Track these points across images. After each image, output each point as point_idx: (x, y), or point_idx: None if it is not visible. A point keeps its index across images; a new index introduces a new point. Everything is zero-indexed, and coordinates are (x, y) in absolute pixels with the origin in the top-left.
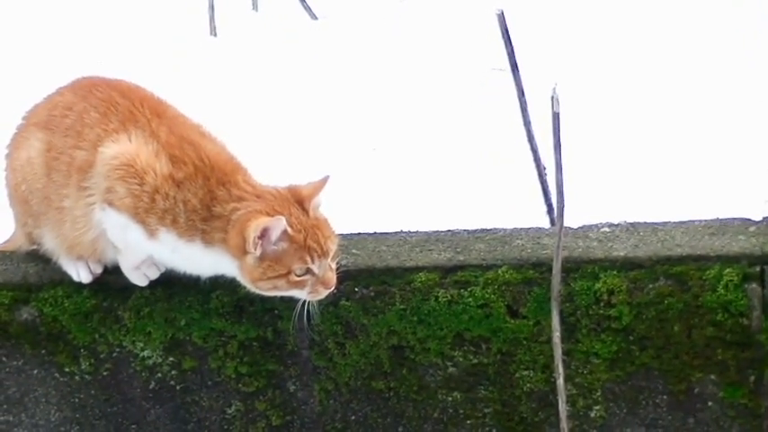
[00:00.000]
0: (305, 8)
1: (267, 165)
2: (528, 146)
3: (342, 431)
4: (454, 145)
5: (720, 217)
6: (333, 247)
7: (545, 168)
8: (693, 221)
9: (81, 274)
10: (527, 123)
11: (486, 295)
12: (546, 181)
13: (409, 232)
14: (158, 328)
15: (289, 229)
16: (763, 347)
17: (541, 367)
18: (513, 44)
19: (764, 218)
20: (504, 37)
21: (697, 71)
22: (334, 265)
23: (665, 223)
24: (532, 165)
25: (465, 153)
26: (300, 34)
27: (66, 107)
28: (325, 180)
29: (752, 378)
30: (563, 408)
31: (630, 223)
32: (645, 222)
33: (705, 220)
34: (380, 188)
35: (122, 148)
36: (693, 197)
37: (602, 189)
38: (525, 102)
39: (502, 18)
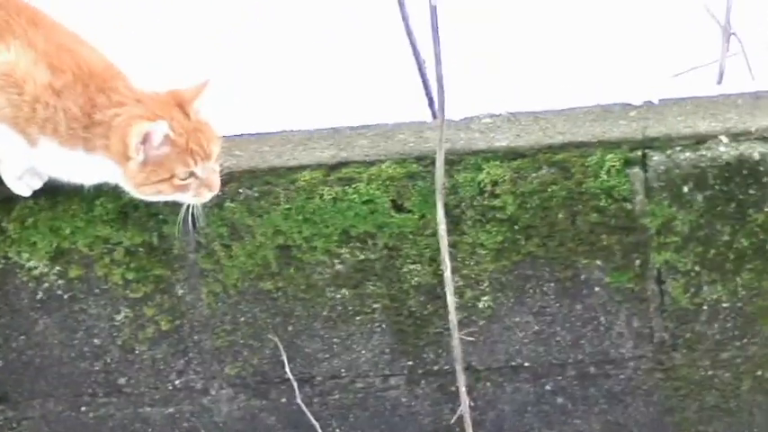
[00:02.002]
0: None
1: (147, 70)
2: (407, 39)
3: (231, 333)
4: (333, 41)
5: (601, 103)
6: (215, 149)
7: (425, 62)
8: (574, 108)
9: None
10: (405, 17)
11: (371, 191)
12: (426, 74)
13: (291, 131)
14: (43, 237)
15: (171, 133)
16: (647, 231)
17: (428, 261)
18: None
19: (645, 102)
20: None
21: None
22: (217, 168)
23: (545, 111)
24: (412, 58)
25: (344, 49)
26: None
27: None
28: (205, 83)
29: (637, 262)
30: (451, 300)
31: (511, 113)
32: (526, 111)
33: (586, 107)
34: (261, 88)
35: (0, 58)
36: (574, 84)
37: (482, 80)
38: None
39: None
